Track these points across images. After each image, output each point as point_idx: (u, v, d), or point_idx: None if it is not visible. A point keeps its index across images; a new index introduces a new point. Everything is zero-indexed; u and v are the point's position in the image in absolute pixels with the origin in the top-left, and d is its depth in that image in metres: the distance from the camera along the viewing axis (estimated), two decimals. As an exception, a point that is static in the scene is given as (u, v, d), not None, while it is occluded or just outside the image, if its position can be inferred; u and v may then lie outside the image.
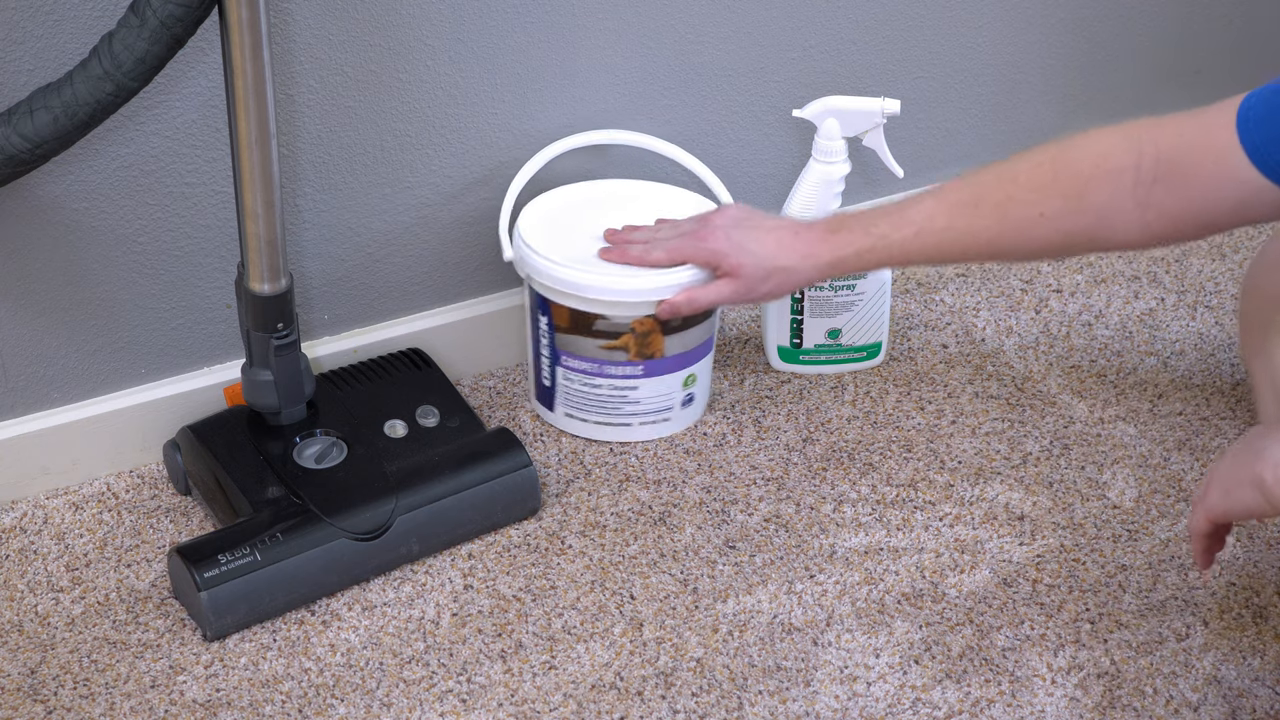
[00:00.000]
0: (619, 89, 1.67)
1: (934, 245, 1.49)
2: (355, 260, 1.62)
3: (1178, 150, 1.38)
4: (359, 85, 1.54)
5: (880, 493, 1.58)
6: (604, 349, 1.58)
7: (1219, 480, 1.30)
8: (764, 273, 1.52)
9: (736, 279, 1.53)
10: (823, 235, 1.52)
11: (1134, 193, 1.40)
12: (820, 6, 1.73)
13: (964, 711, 1.37)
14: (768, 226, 1.54)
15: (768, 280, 1.53)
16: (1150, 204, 1.40)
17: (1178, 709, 1.37)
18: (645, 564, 1.50)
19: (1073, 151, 1.44)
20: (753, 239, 1.53)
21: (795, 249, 1.52)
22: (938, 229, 1.48)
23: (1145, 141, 1.40)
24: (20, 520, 1.54)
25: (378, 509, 1.47)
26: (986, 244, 1.48)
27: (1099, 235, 1.43)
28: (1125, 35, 1.92)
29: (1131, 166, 1.40)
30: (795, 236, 1.53)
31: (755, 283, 1.53)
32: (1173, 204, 1.39)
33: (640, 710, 1.36)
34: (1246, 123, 1.34)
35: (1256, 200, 1.35)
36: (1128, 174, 1.40)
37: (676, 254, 1.55)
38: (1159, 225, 1.41)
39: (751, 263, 1.52)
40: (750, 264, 1.52)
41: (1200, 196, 1.38)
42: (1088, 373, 1.73)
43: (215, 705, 1.36)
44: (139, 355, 1.56)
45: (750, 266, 1.52)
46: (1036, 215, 1.44)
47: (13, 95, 1.38)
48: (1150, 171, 1.39)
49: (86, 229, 1.48)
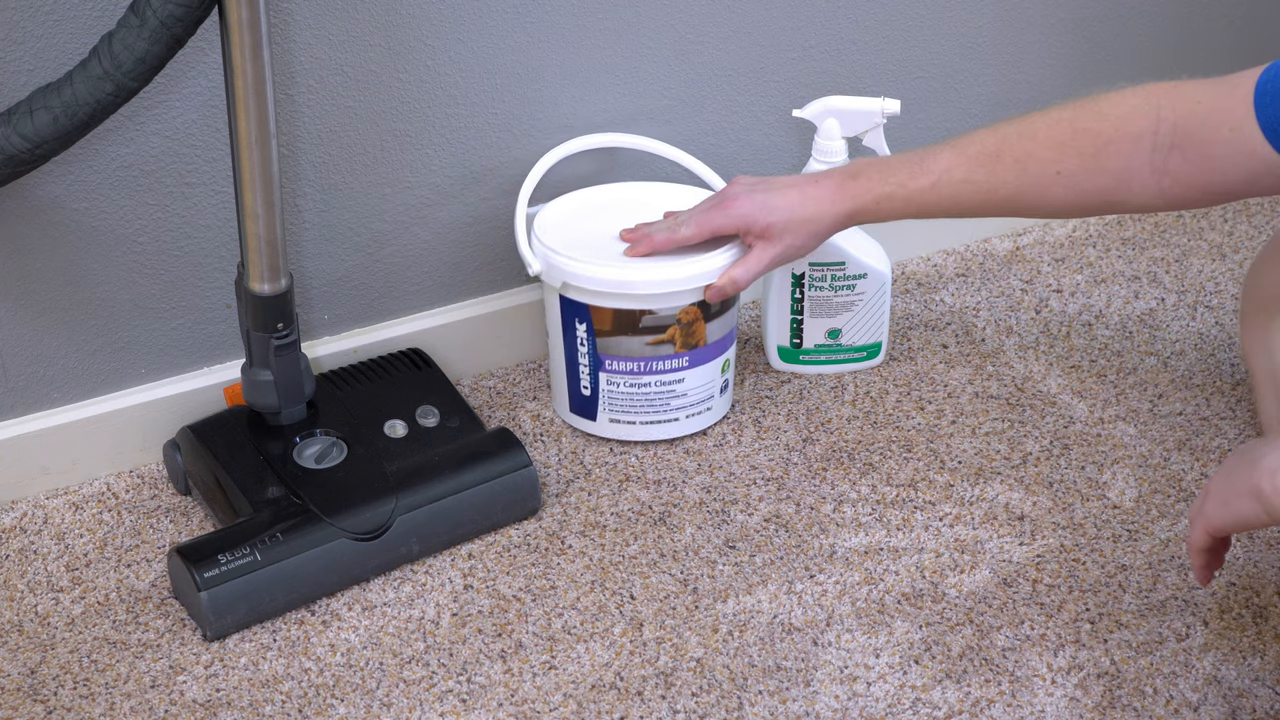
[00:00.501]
0: (619, 89, 1.67)
1: (950, 197, 1.48)
2: (355, 260, 1.62)
3: (1194, 119, 1.38)
4: (359, 85, 1.54)
5: (880, 493, 1.58)
6: (651, 345, 1.58)
7: (1216, 492, 1.29)
8: (794, 226, 1.52)
9: (769, 240, 1.53)
10: (841, 182, 1.52)
11: (1151, 159, 1.40)
12: (820, 6, 1.73)
13: (964, 711, 1.37)
14: (786, 183, 1.54)
15: (798, 233, 1.52)
16: (1167, 170, 1.40)
17: (1178, 709, 1.37)
18: (645, 564, 1.50)
19: (1092, 112, 1.44)
20: (775, 197, 1.53)
21: (819, 198, 1.51)
22: (955, 180, 1.47)
23: (1164, 107, 1.39)
24: (20, 520, 1.54)
25: (378, 509, 1.47)
26: (1004, 199, 1.47)
27: (1115, 197, 1.43)
28: (1125, 35, 1.92)
29: (1150, 132, 1.39)
30: (816, 185, 1.52)
31: (788, 239, 1.53)
32: (1188, 172, 1.39)
33: (640, 710, 1.36)
34: (1264, 97, 1.33)
35: (1268, 174, 1.35)
36: (1145, 139, 1.39)
37: (705, 226, 1.54)
38: (1175, 191, 1.41)
39: (780, 220, 1.52)
40: (779, 221, 1.52)
41: (1215, 167, 1.38)
42: (1088, 373, 1.73)
43: (215, 705, 1.36)
44: (139, 355, 1.56)
45: (780, 224, 1.52)
46: (1054, 173, 1.44)
47: (13, 95, 1.38)
48: (1168, 138, 1.38)
49: (86, 229, 1.48)
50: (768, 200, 1.53)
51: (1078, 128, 1.44)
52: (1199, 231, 1.94)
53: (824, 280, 1.68)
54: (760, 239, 1.53)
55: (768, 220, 1.52)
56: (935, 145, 1.51)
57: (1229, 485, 1.27)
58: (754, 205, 1.53)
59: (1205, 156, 1.38)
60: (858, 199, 1.51)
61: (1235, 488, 1.26)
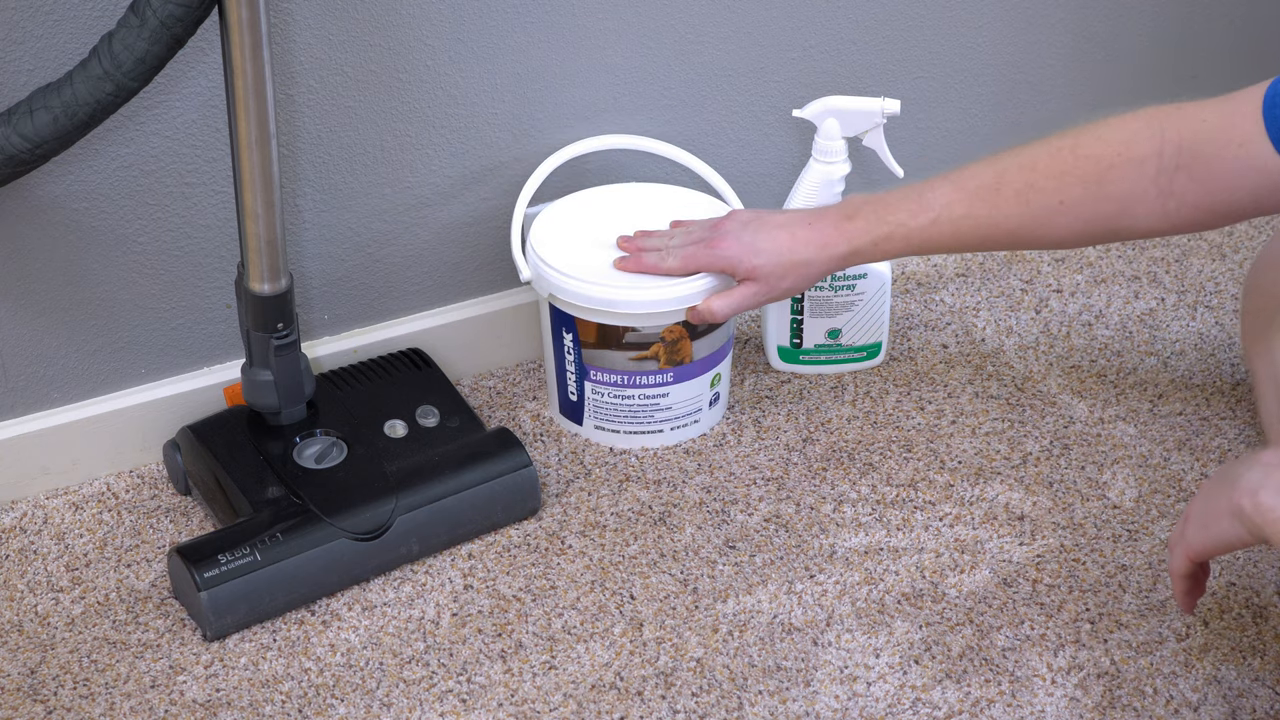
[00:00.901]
0: (619, 89, 1.67)
1: (951, 234, 1.47)
2: (355, 260, 1.62)
3: (1200, 138, 1.36)
4: (359, 85, 1.54)
5: (880, 493, 1.58)
6: (634, 360, 1.57)
7: (1196, 516, 1.27)
8: (781, 270, 1.51)
9: (755, 281, 1.52)
10: (837, 223, 1.50)
11: (1156, 181, 1.38)
12: (820, 6, 1.73)
13: (964, 711, 1.37)
14: (778, 223, 1.53)
15: (786, 277, 1.51)
16: (1172, 192, 1.38)
17: (1178, 709, 1.37)
18: (645, 564, 1.50)
19: (1093, 138, 1.42)
20: (765, 238, 1.51)
21: (810, 241, 1.50)
22: (956, 216, 1.46)
23: (1168, 129, 1.37)
24: (20, 520, 1.54)
25: (378, 509, 1.47)
26: (1007, 233, 1.46)
27: (1120, 224, 1.41)
28: (1125, 35, 1.92)
29: (1154, 154, 1.37)
30: (809, 228, 1.51)
31: (774, 281, 1.51)
32: (1195, 193, 1.37)
33: (640, 710, 1.36)
34: (1274, 109, 1.31)
35: (1277, 190, 1.33)
36: (1150, 162, 1.37)
37: (690, 262, 1.54)
38: (1181, 214, 1.39)
39: (767, 263, 1.51)
40: (766, 264, 1.51)
41: (1222, 186, 1.36)
42: (1088, 373, 1.73)
43: (215, 705, 1.36)
44: (139, 355, 1.56)
45: (766, 267, 1.51)
46: (1057, 203, 1.42)
47: (13, 95, 1.38)
48: (1173, 159, 1.36)
49: (86, 229, 1.48)
50: (755, 242, 1.51)
51: (1079, 155, 1.41)
52: (1199, 232, 1.94)
53: (824, 280, 1.68)
54: (747, 279, 1.52)
55: (753, 263, 1.51)
56: (932, 179, 1.49)
57: (1208, 508, 1.25)
58: (741, 247, 1.51)
59: (1212, 175, 1.36)
60: (854, 240, 1.49)
61: (1215, 510, 1.24)
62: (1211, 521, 1.25)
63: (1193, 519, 1.27)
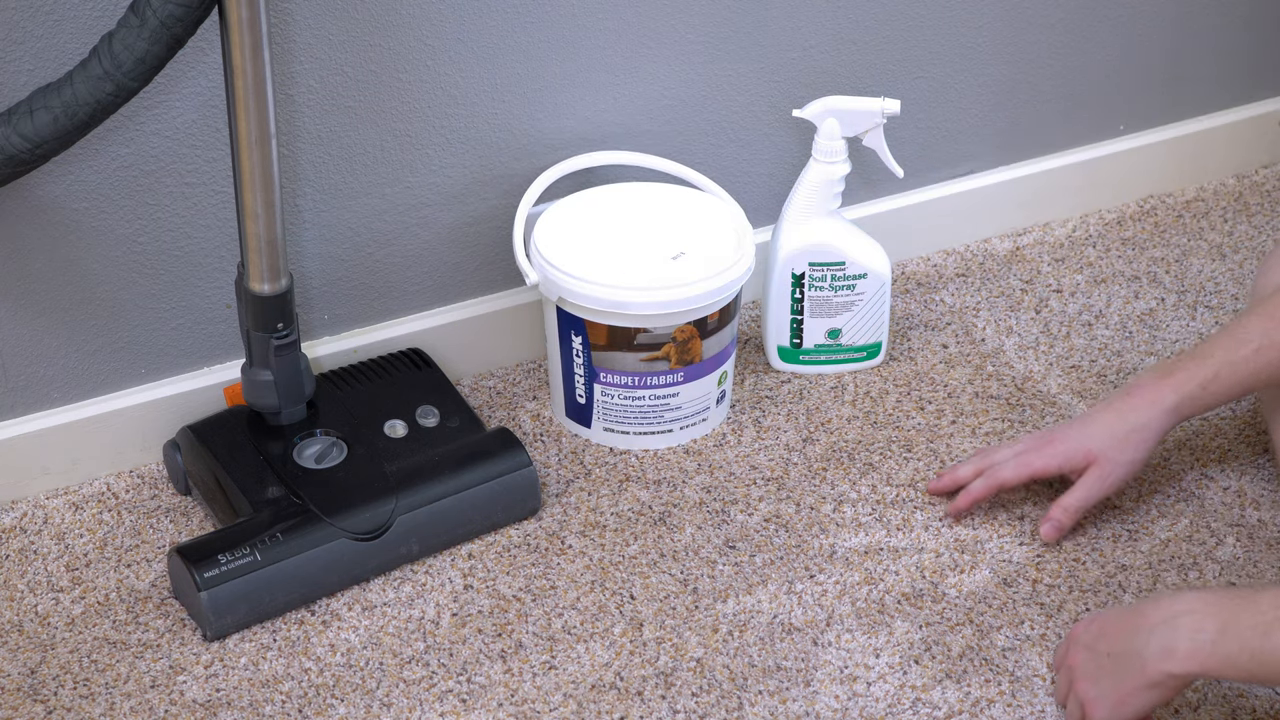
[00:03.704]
0: (619, 89, 1.67)
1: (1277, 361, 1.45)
2: (355, 260, 1.62)
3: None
4: (359, 85, 1.54)
5: (880, 493, 1.58)
6: (645, 361, 1.57)
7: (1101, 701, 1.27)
8: (1119, 442, 1.48)
9: (1096, 465, 1.48)
10: (1156, 382, 1.48)
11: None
12: (820, 6, 1.73)
13: (964, 711, 1.37)
14: (1096, 410, 1.50)
15: (1125, 448, 1.48)
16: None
17: (1178, 709, 1.37)
18: (645, 564, 1.50)
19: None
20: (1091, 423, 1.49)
21: (1138, 406, 1.48)
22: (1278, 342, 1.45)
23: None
24: (20, 520, 1.54)
25: (378, 509, 1.47)
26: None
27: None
28: (1125, 35, 1.92)
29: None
30: (1130, 396, 1.48)
31: (1115, 455, 1.48)
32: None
33: (640, 710, 1.36)
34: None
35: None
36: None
37: (1024, 469, 1.50)
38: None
39: (1100, 445, 1.48)
40: (1100, 444, 1.48)
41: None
42: (1088, 373, 1.73)
43: (215, 705, 1.37)
44: (139, 355, 1.56)
45: (1100, 448, 1.48)
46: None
47: (13, 95, 1.38)
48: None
49: (86, 229, 1.48)
50: (1084, 430, 1.49)
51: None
52: (1199, 231, 1.94)
53: (824, 280, 1.68)
54: (1087, 467, 1.49)
55: (1087, 447, 1.48)
56: (1234, 321, 1.48)
57: (1118, 690, 1.26)
58: (1072, 440, 1.49)
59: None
60: (1180, 389, 1.47)
61: (1128, 689, 1.26)
62: (1128, 699, 1.26)
63: (1097, 703, 1.28)
